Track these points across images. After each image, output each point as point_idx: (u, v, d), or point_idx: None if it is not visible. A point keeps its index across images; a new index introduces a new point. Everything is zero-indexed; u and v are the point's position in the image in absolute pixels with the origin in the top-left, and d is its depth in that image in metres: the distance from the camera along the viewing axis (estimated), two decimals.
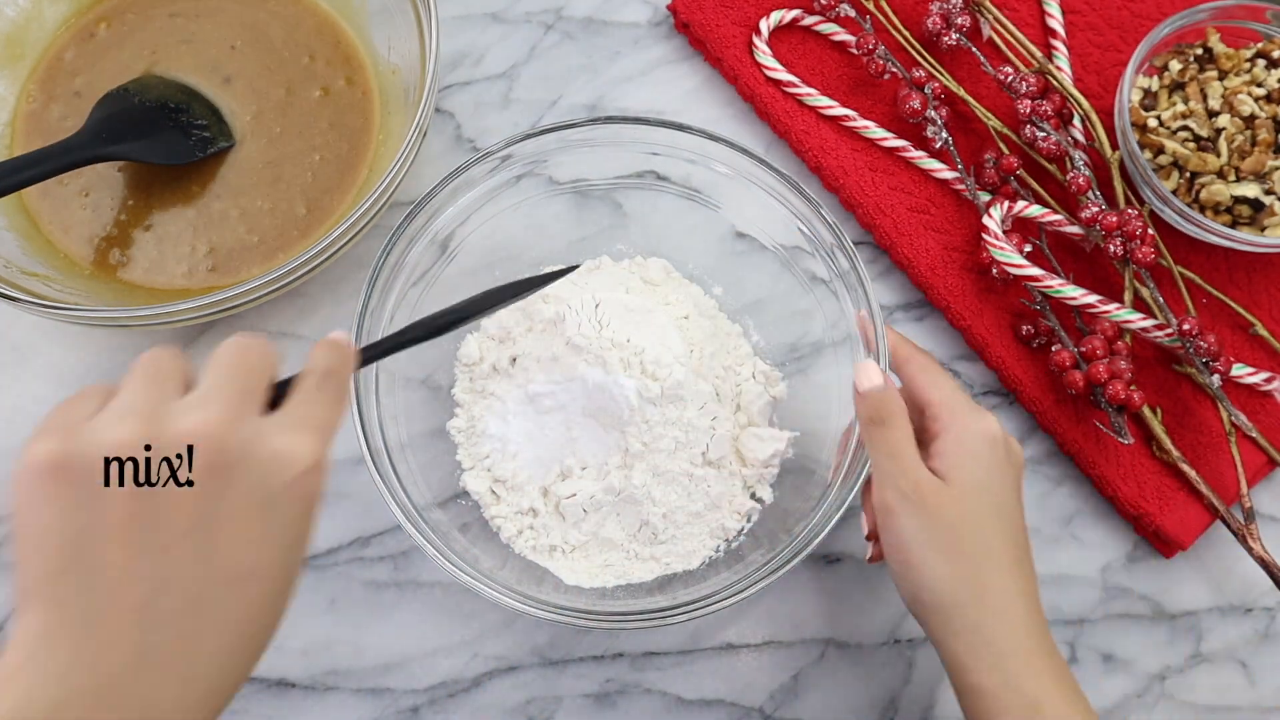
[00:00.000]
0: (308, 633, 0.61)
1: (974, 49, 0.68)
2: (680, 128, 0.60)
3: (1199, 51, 0.64)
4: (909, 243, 0.66)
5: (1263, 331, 0.65)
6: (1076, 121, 0.67)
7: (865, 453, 0.53)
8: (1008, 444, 0.51)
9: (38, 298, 0.57)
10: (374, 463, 0.54)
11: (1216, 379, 0.62)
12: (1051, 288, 0.63)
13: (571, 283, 0.62)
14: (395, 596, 0.62)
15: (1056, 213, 0.65)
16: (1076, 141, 0.66)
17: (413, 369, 0.61)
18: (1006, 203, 0.65)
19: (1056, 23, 0.70)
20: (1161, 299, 0.63)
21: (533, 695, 0.61)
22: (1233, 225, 0.62)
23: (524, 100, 0.70)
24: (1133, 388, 0.62)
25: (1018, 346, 0.65)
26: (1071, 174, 0.65)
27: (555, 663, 0.61)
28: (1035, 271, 0.63)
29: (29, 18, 0.67)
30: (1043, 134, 0.66)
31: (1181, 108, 0.63)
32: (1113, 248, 0.63)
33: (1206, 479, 0.63)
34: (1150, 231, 0.63)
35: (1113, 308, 0.63)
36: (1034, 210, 0.65)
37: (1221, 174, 0.62)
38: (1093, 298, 0.63)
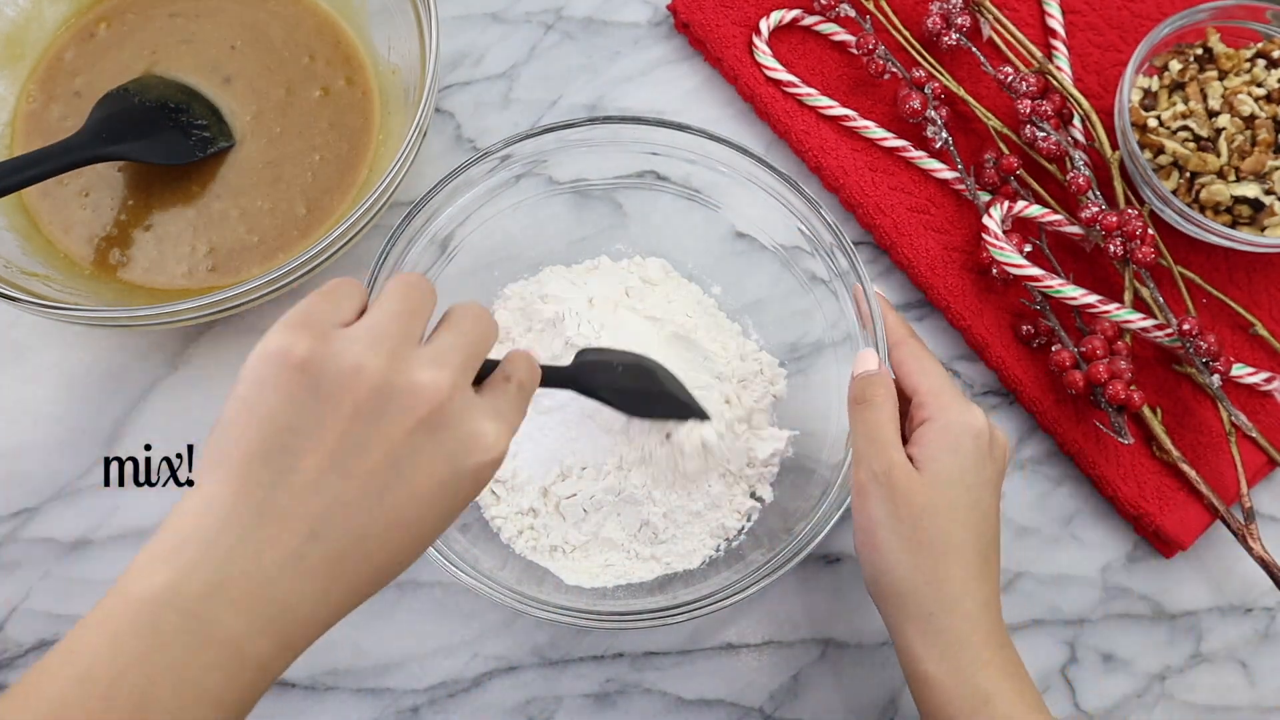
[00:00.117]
0: None
1: (974, 49, 0.68)
2: (680, 128, 0.60)
3: (1199, 51, 0.64)
4: (909, 243, 0.66)
5: (1263, 331, 0.65)
6: (1076, 121, 0.67)
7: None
8: (992, 438, 0.52)
9: (38, 298, 0.57)
10: None
11: (1216, 379, 0.62)
12: (1051, 288, 0.63)
13: (570, 283, 0.62)
14: (395, 596, 0.62)
15: (1056, 213, 0.65)
16: (1076, 141, 0.66)
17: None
18: (1006, 203, 0.65)
19: (1056, 23, 0.70)
20: (1161, 299, 0.63)
21: (533, 695, 0.61)
22: (1233, 225, 0.62)
23: (524, 100, 0.70)
24: (1133, 388, 0.62)
25: (1018, 346, 0.65)
26: (1071, 174, 0.65)
27: (555, 663, 0.61)
28: (1035, 271, 0.63)
29: (29, 18, 0.67)
30: (1043, 134, 0.66)
31: (1181, 108, 0.63)
32: (1113, 248, 0.63)
33: (1206, 479, 0.63)
34: (1150, 231, 0.63)
35: (1113, 308, 0.63)
36: (1034, 210, 0.65)
37: (1221, 174, 0.62)
38: (1093, 298, 0.63)
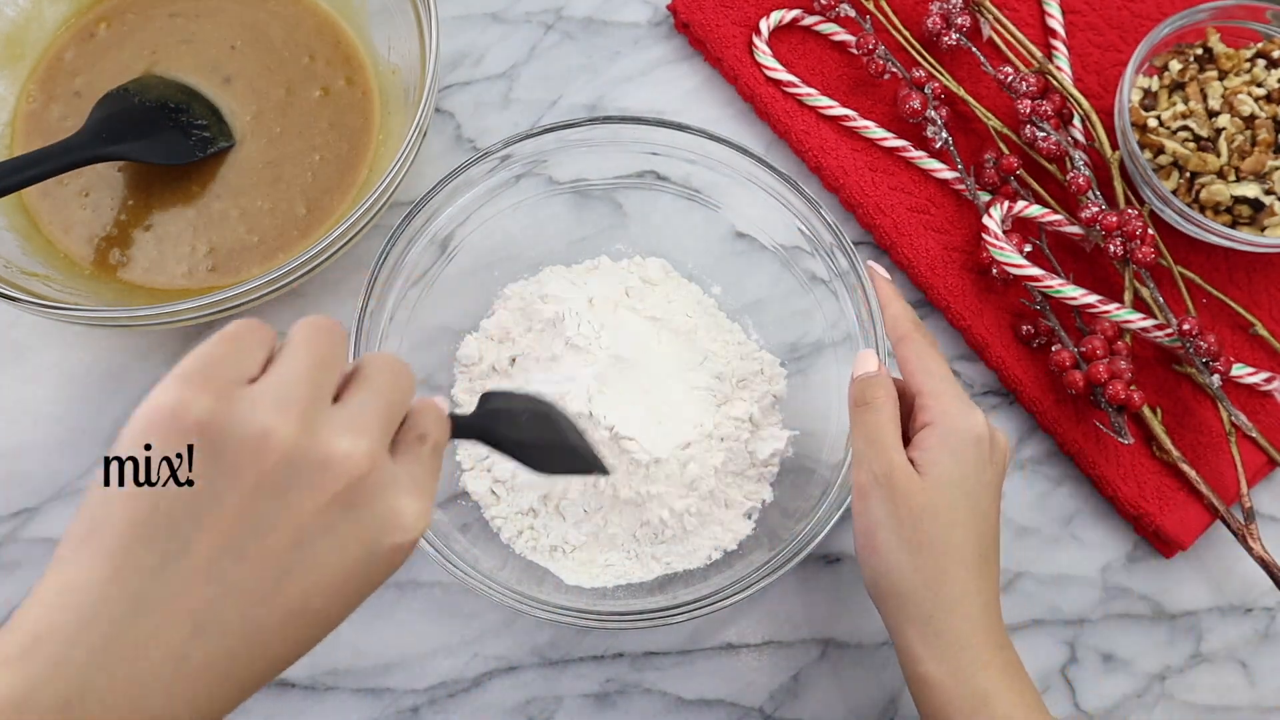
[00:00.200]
0: None
1: (974, 49, 0.68)
2: (680, 128, 0.60)
3: (1199, 51, 0.64)
4: (909, 243, 0.66)
5: (1263, 331, 0.65)
6: (1076, 121, 0.67)
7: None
8: (992, 440, 0.52)
9: (38, 298, 0.57)
10: None
11: (1216, 379, 0.62)
12: (1051, 288, 0.63)
13: (570, 283, 0.62)
14: (395, 596, 0.62)
15: (1056, 213, 0.65)
16: (1076, 141, 0.66)
17: (412, 369, 0.61)
18: (1006, 203, 0.65)
19: (1056, 23, 0.70)
20: (1161, 299, 0.63)
21: (533, 695, 0.61)
22: (1233, 225, 0.62)
23: (524, 100, 0.70)
24: (1133, 388, 0.62)
25: (1018, 346, 0.65)
26: (1071, 174, 0.65)
27: (555, 663, 0.61)
28: (1035, 271, 0.63)
29: (29, 18, 0.67)
30: (1043, 134, 0.66)
31: (1181, 108, 0.63)
32: (1113, 248, 0.63)
33: (1206, 479, 0.63)
34: (1150, 231, 0.63)
35: (1113, 308, 0.63)
36: (1034, 210, 0.65)
37: (1221, 174, 0.62)
38: (1093, 298, 0.63)
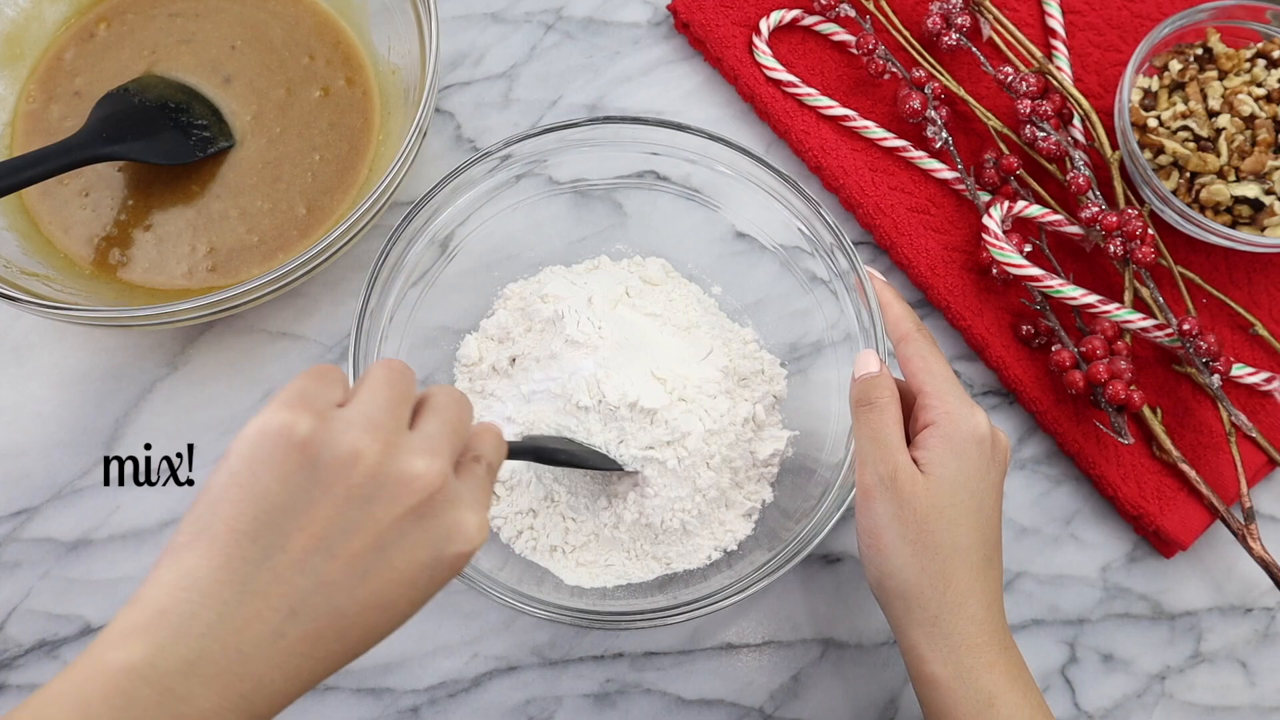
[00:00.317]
0: None
1: (974, 49, 0.68)
2: (680, 128, 0.60)
3: (1199, 51, 0.64)
4: (909, 243, 0.66)
5: (1263, 331, 0.65)
6: (1076, 121, 0.67)
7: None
8: (994, 441, 0.52)
9: (38, 298, 0.57)
10: None
11: (1216, 379, 0.62)
12: (1051, 288, 0.63)
13: (570, 283, 0.62)
14: None
15: (1056, 213, 0.65)
16: (1076, 141, 0.66)
17: (412, 370, 0.61)
18: (1006, 203, 0.65)
19: (1056, 23, 0.70)
20: (1161, 299, 0.63)
21: (533, 695, 0.61)
22: (1233, 225, 0.62)
23: (524, 100, 0.70)
24: (1133, 388, 0.62)
25: (1018, 346, 0.65)
26: (1071, 174, 0.65)
27: (555, 663, 0.61)
28: (1035, 271, 0.63)
29: (29, 18, 0.67)
30: (1043, 134, 0.66)
31: (1181, 108, 0.63)
32: (1113, 248, 0.63)
33: (1206, 479, 0.63)
34: (1150, 231, 0.63)
35: (1113, 308, 0.63)
36: (1034, 210, 0.65)
37: (1221, 174, 0.62)
38: (1093, 298, 0.63)
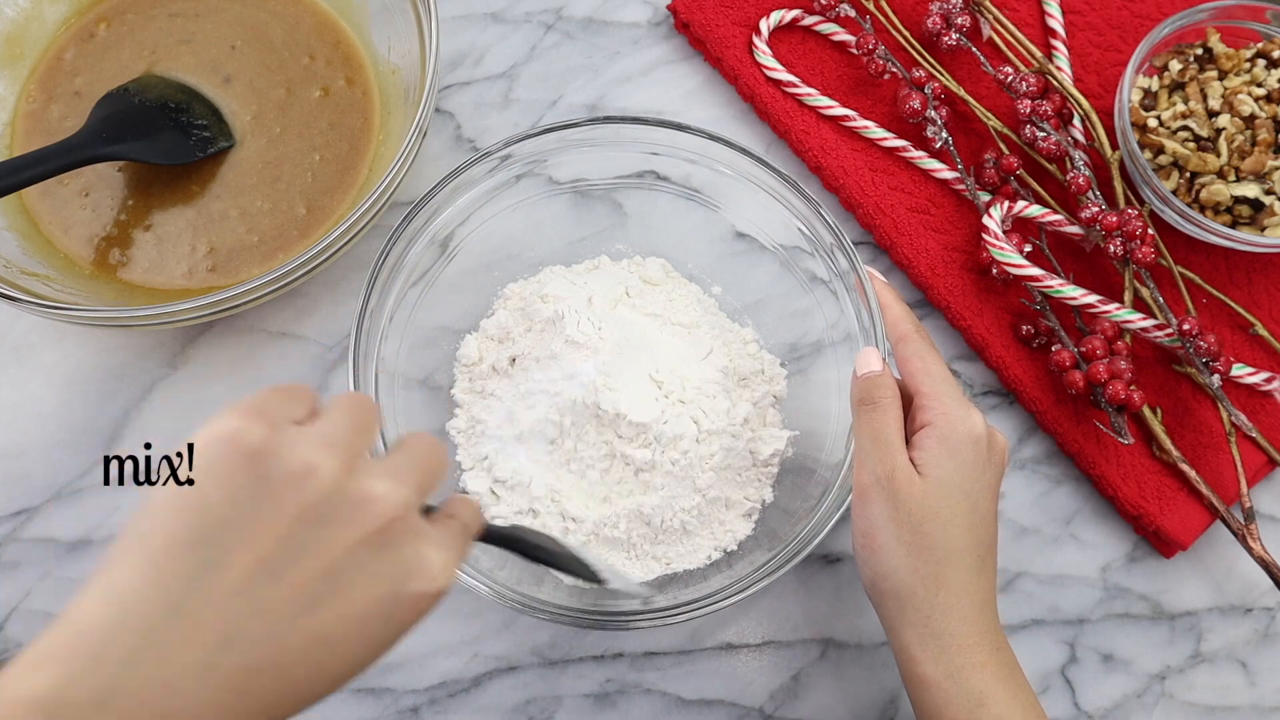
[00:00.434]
0: None
1: (974, 49, 0.68)
2: (680, 128, 0.60)
3: (1199, 51, 0.64)
4: (909, 243, 0.66)
5: (1263, 331, 0.65)
6: (1076, 121, 0.67)
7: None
8: (991, 441, 0.52)
9: (38, 298, 0.57)
10: None
11: (1216, 379, 0.62)
12: (1051, 288, 0.63)
13: (570, 283, 0.62)
14: None
15: (1056, 213, 0.65)
16: (1076, 141, 0.66)
17: (412, 369, 0.61)
18: (1006, 203, 0.65)
19: (1056, 23, 0.70)
20: (1161, 299, 0.63)
21: (533, 695, 0.61)
22: (1233, 225, 0.62)
23: (524, 100, 0.70)
24: (1133, 388, 0.62)
25: (1018, 346, 0.65)
26: (1071, 174, 0.65)
27: (555, 663, 0.61)
28: (1035, 271, 0.63)
29: (29, 18, 0.67)
30: (1043, 134, 0.66)
31: (1181, 108, 0.63)
32: (1113, 248, 0.63)
33: (1206, 479, 0.63)
34: (1150, 231, 0.63)
35: (1113, 308, 0.63)
36: (1034, 210, 0.65)
37: (1221, 174, 0.62)
38: (1093, 298, 0.63)
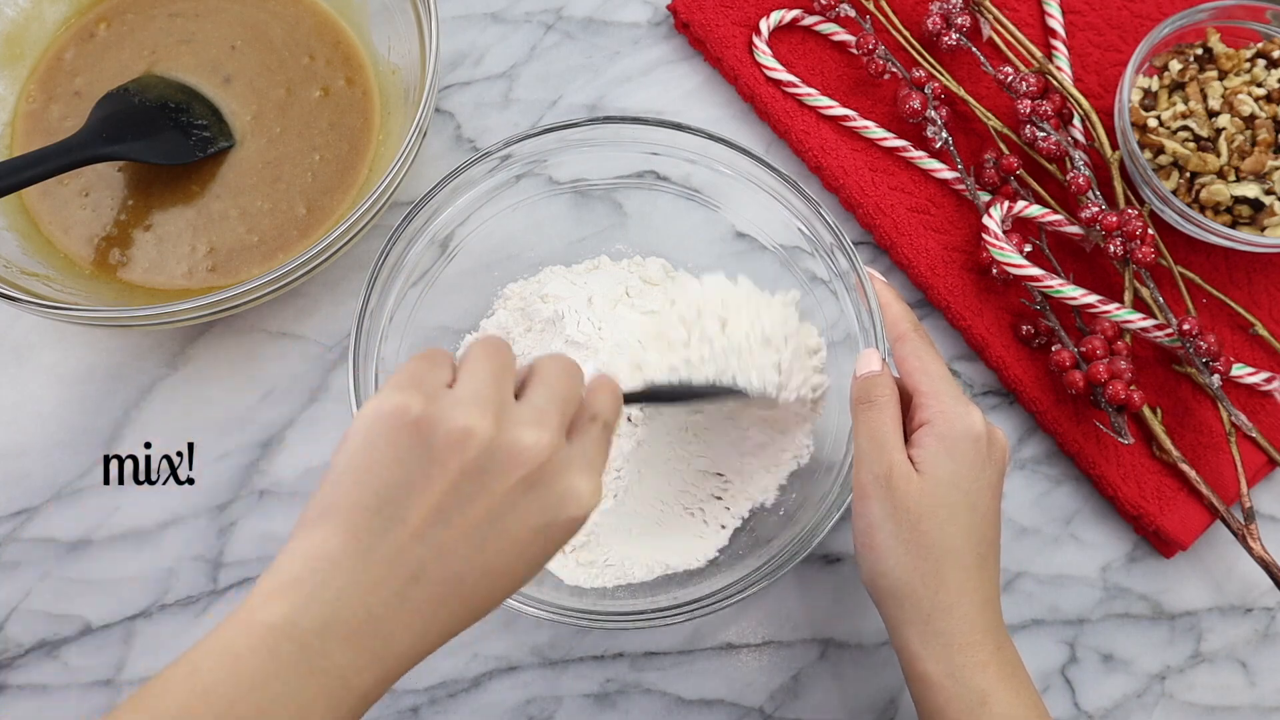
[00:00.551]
0: None
1: (974, 49, 0.68)
2: (680, 128, 0.60)
3: (1199, 51, 0.64)
4: (909, 243, 0.66)
5: (1263, 331, 0.65)
6: (1076, 121, 0.67)
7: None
8: (991, 439, 0.52)
9: (38, 298, 0.57)
10: None
11: (1216, 379, 0.62)
12: (1051, 288, 0.63)
13: (570, 283, 0.62)
14: None
15: (1056, 213, 0.65)
16: (1076, 141, 0.66)
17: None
18: (1006, 203, 0.65)
19: (1056, 23, 0.70)
20: (1161, 299, 0.63)
21: (533, 695, 0.61)
22: (1233, 225, 0.62)
23: (524, 100, 0.70)
24: (1133, 388, 0.62)
25: (1018, 346, 0.65)
26: (1071, 174, 0.65)
27: (555, 663, 0.61)
28: (1035, 271, 0.63)
29: (29, 18, 0.67)
30: (1043, 134, 0.66)
31: (1181, 108, 0.63)
32: (1113, 248, 0.63)
33: (1206, 479, 0.63)
34: (1150, 231, 0.63)
35: (1113, 308, 0.63)
36: (1034, 210, 0.65)
37: (1221, 174, 0.62)
38: (1093, 298, 0.63)
